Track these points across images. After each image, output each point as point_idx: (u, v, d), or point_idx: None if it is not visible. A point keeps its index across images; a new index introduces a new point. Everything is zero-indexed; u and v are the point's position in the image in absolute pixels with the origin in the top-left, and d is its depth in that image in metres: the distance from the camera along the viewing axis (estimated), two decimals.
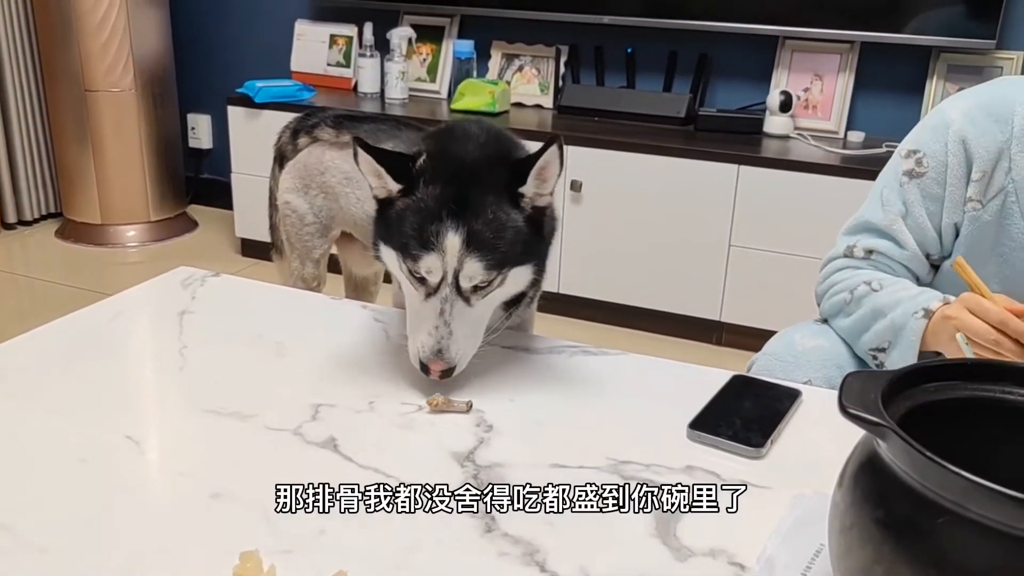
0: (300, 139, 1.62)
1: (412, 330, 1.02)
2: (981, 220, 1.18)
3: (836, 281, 1.28)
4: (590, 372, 1.11)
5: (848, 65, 2.71)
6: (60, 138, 3.27)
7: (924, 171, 1.21)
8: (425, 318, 1.00)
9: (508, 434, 0.95)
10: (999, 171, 1.16)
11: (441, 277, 0.98)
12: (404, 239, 0.99)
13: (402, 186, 1.00)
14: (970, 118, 1.18)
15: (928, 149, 1.21)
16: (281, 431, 0.93)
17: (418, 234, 0.97)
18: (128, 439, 0.91)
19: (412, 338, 1.02)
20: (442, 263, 0.97)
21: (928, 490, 0.58)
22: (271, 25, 3.39)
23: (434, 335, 0.99)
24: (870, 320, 1.22)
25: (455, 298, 0.99)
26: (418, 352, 1.00)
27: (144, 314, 1.25)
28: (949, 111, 1.20)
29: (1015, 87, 1.18)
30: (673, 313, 2.66)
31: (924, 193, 1.21)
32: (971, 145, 1.17)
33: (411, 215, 0.99)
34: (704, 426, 0.95)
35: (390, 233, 1.02)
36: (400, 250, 1.00)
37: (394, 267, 1.04)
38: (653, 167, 2.56)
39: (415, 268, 0.99)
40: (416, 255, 0.97)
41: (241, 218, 3.16)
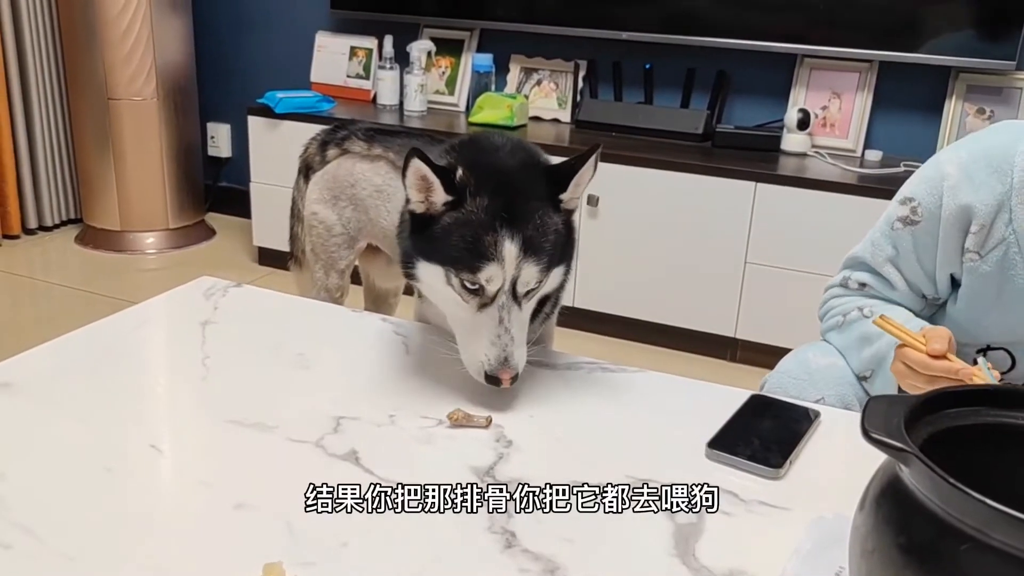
0: (329, 151, 1.63)
1: (468, 343, 1.03)
2: (981, 271, 1.17)
3: (833, 306, 1.33)
4: (609, 389, 1.11)
5: (867, 84, 2.71)
6: (82, 145, 3.31)
7: (918, 220, 1.20)
8: (483, 329, 1.02)
9: (527, 450, 0.95)
10: (999, 222, 1.15)
11: (499, 286, 1.00)
12: (456, 252, 1.00)
13: (451, 199, 1.02)
14: (967, 172, 1.16)
15: (923, 200, 1.20)
16: (303, 443, 0.94)
17: (473, 246, 0.99)
18: (152, 448, 0.92)
19: (470, 351, 1.03)
20: (502, 272, 1.00)
21: (951, 516, 0.59)
22: (292, 36, 3.42)
23: (498, 344, 1.01)
24: (857, 347, 1.25)
25: (511, 304, 1.02)
26: (483, 364, 1.01)
27: (167, 324, 1.26)
28: (946, 164, 1.18)
29: (1014, 134, 1.15)
30: (688, 329, 2.66)
31: (917, 241, 1.22)
32: (967, 200, 1.15)
33: (461, 228, 1.00)
34: (722, 445, 0.96)
35: (434, 248, 1.03)
36: (452, 264, 1.01)
37: (438, 283, 1.04)
38: (670, 183, 2.57)
39: (473, 280, 1.00)
40: (475, 266, 0.99)
41: (259, 227, 3.18)
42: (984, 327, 1.20)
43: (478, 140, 1.16)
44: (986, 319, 1.19)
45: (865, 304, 1.26)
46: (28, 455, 0.89)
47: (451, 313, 1.06)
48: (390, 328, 1.26)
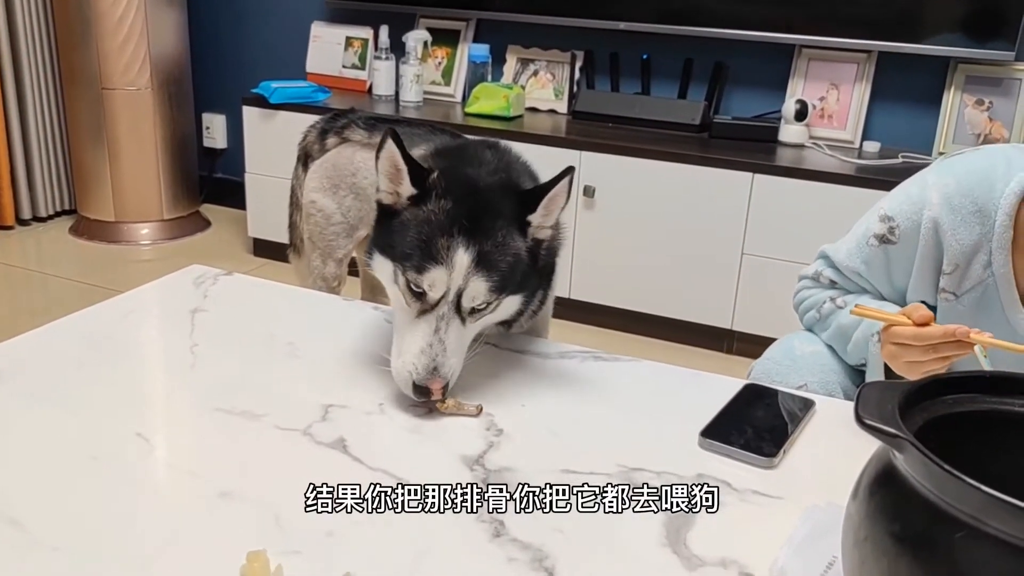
0: (328, 139, 1.62)
1: (400, 350, 0.98)
2: (956, 310, 1.17)
3: (804, 298, 1.34)
4: (601, 378, 1.10)
5: (865, 75, 2.70)
6: (76, 136, 3.29)
7: (895, 241, 1.20)
8: (417, 336, 0.96)
9: (518, 439, 0.94)
10: (976, 264, 1.14)
11: (443, 294, 0.96)
12: (408, 249, 0.96)
13: (415, 193, 0.98)
14: (950, 206, 1.14)
15: (902, 223, 1.19)
16: (291, 431, 0.93)
17: (426, 246, 0.95)
18: (139, 436, 0.91)
19: (400, 360, 0.97)
20: (448, 279, 0.95)
21: (946, 504, 0.58)
22: (287, 27, 3.40)
23: (428, 353, 0.95)
24: (840, 341, 1.26)
25: (452, 316, 0.97)
26: (410, 374, 0.95)
27: (156, 312, 1.25)
28: (931, 189, 1.16)
29: (1003, 168, 1.12)
30: (684, 320, 2.65)
31: (891, 261, 1.22)
32: (946, 236, 1.14)
33: (418, 226, 0.96)
34: (716, 434, 0.95)
35: (390, 243, 0.99)
36: (401, 260, 0.97)
37: (387, 279, 1.00)
38: (667, 174, 2.55)
39: (417, 281, 0.95)
40: (421, 267, 0.95)
41: (254, 218, 3.17)
42: None
43: (466, 148, 1.13)
44: None
45: (836, 294, 1.28)
46: (12, 443, 0.88)
47: (396, 313, 1.02)
48: (381, 317, 1.25)
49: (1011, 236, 1.12)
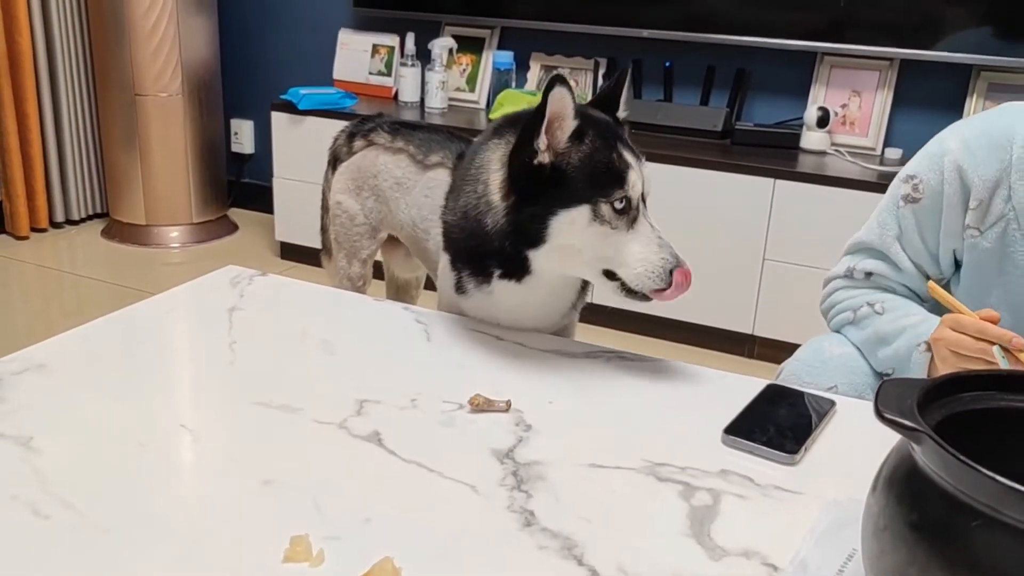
0: (356, 142, 1.65)
1: (634, 262, 1.09)
2: (981, 247, 1.19)
3: (838, 300, 1.32)
4: (627, 377, 1.13)
5: (887, 82, 2.71)
6: (108, 140, 3.36)
7: (920, 197, 1.22)
8: (642, 240, 1.09)
9: (546, 433, 0.97)
10: (997, 199, 1.16)
11: (640, 190, 1.09)
12: (598, 179, 1.07)
13: (577, 126, 1.08)
14: (968, 147, 1.18)
15: (925, 176, 1.22)
16: (328, 424, 0.96)
17: (610, 165, 1.08)
18: (182, 427, 0.95)
19: (643, 265, 1.09)
20: (640, 174, 1.10)
21: (962, 494, 0.60)
22: (315, 34, 3.45)
23: (664, 245, 1.10)
24: (874, 345, 1.25)
25: (646, 210, 1.11)
26: (664, 264, 1.09)
27: (195, 310, 1.29)
28: (948, 139, 1.21)
29: (1016, 115, 1.17)
30: (706, 326, 2.67)
31: (919, 219, 1.23)
32: (967, 174, 1.17)
33: (594, 155, 1.08)
34: (739, 432, 0.97)
35: (568, 192, 1.07)
36: (598, 192, 1.07)
37: (580, 227, 1.08)
38: (689, 180, 2.58)
39: (621, 191, 1.07)
40: (622, 178, 1.07)
41: (281, 222, 3.22)
42: (987, 304, 1.20)
43: (520, 114, 1.21)
44: (989, 298, 1.20)
45: (875, 299, 1.26)
46: (64, 431, 0.92)
47: (594, 254, 1.10)
48: (411, 316, 1.28)
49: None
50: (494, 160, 1.15)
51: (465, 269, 1.21)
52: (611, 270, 1.11)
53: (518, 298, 1.19)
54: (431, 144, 1.49)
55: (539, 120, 1.07)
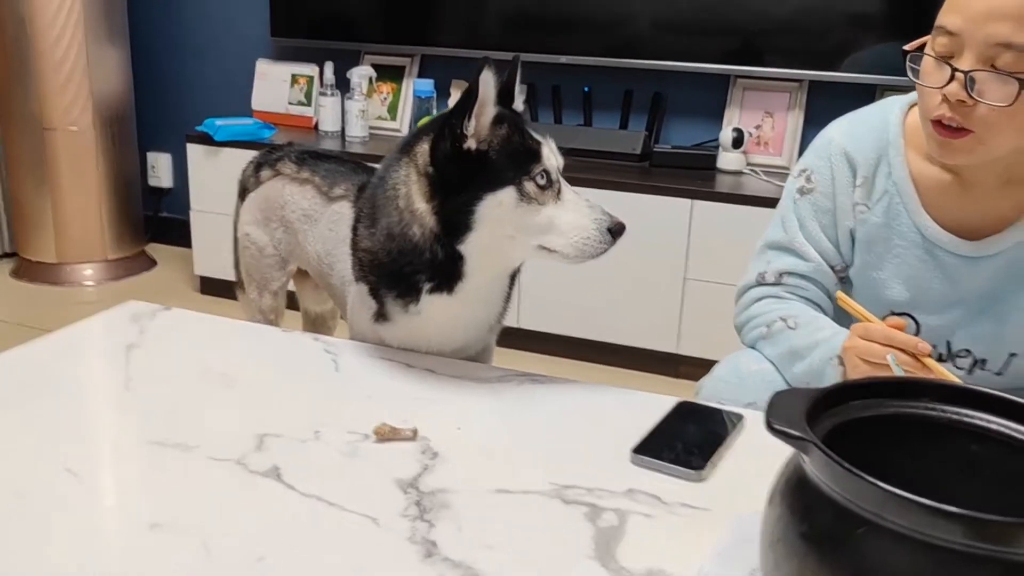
0: (263, 172, 1.62)
1: (569, 229, 1.11)
2: (871, 222, 1.25)
3: (753, 315, 1.33)
4: (538, 400, 1.12)
5: (798, 103, 2.78)
6: (16, 176, 3.24)
7: (813, 187, 1.29)
8: (570, 207, 1.12)
9: (453, 460, 0.95)
10: (880, 175, 1.24)
11: (556, 164, 1.13)
12: (519, 158, 1.09)
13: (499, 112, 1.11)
14: (848, 132, 1.27)
15: (814, 166, 1.29)
16: (224, 461, 0.93)
17: (525, 143, 1.11)
18: (68, 471, 0.90)
19: (576, 230, 1.11)
20: (551, 147, 1.13)
21: (848, 501, 0.60)
22: (232, 64, 3.40)
23: (593, 205, 1.13)
24: (789, 361, 1.26)
25: (564, 181, 1.14)
26: (600, 224, 1.11)
27: (91, 348, 1.24)
28: (830, 130, 1.30)
29: (889, 103, 1.28)
30: (631, 347, 2.68)
31: (816, 207, 1.28)
32: (852, 155, 1.25)
33: (511, 136, 1.10)
34: (647, 450, 0.96)
35: (494, 175, 1.09)
36: (520, 170, 1.09)
37: (508, 207, 1.09)
38: (610, 202, 2.53)
39: (540, 166, 1.09)
40: (539, 154, 1.10)
41: (200, 256, 3.14)
42: (883, 281, 1.25)
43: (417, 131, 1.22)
44: (883, 272, 1.24)
45: (788, 314, 1.27)
46: None
47: (527, 233, 1.11)
48: (320, 346, 1.25)
49: (903, 143, 1.23)
50: (411, 173, 1.15)
51: (390, 294, 1.19)
52: (547, 246, 1.13)
53: (448, 313, 1.18)
54: (336, 176, 1.47)
55: (470, 103, 1.08)
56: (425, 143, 1.14)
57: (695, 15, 2.78)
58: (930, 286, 1.22)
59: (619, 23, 2.85)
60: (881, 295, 1.25)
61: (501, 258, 1.17)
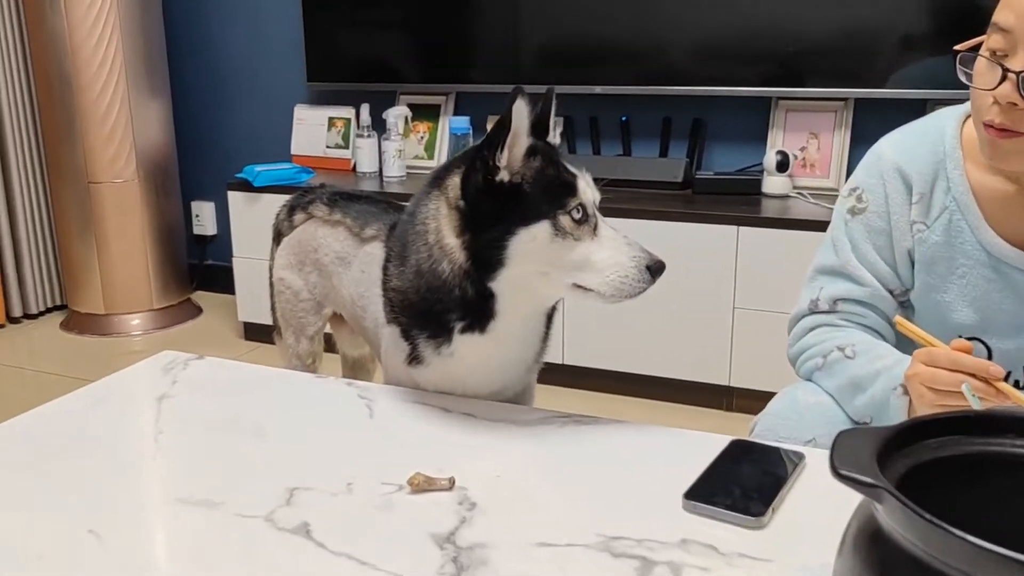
0: (296, 215, 1.61)
1: (604, 267, 1.06)
2: (930, 241, 1.17)
3: (807, 345, 1.25)
4: (582, 442, 1.06)
5: (843, 122, 2.70)
6: (64, 230, 3.30)
7: (864, 206, 1.22)
8: (607, 244, 1.06)
9: (493, 512, 0.89)
10: (938, 190, 1.17)
11: (593, 197, 1.07)
12: (553, 192, 1.04)
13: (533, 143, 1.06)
14: (901, 147, 1.20)
15: (865, 184, 1.22)
16: (252, 517, 0.88)
17: (559, 176, 1.06)
18: (91, 533, 0.86)
19: (613, 268, 1.06)
20: (587, 180, 1.08)
21: (931, 557, 0.53)
22: (271, 111, 3.44)
23: (632, 242, 1.07)
24: (849, 393, 1.18)
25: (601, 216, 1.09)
26: (639, 262, 1.06)
27: (122, 401, 1.21)
28: (881, 146, 1.23)
29: (943, 115, 1.21)
30: (681, 380, 2.60)
31: (869, 228, 1.21)
32: (905, 170, 1.18)
33: (546, 169, 1.06)
34: (700, 495, 0.90)
35: (526, 209, 1.04)
36: (555, 204, 1.04)
37: (541, 242, 1.04)
38: (653, 232, 2.53)
39: (575, 199, 1.04)
40: (574, 187, 1.05)
41: (243, 302, 3.15)
42: (948, 304, 1.17)
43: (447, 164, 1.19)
44: (947, 293, 1.16)
45: (845, 343, 1.20)
46: None
47: (562, 270, 1.06)
48: (354, 392, 1.21)
49: (961, 155, 1.15)
50: (440, 207, 1.10)
51: (421, 335, 1.15)
52: (582, 284, 1.07)
53: (482, 353, 1.13)
54: (367, 216, 1.44)
55: (502, 135, 1.03)
56: (456, 176, 1.09)
57: (733, 38, 2.72)
58: (1000, 307, 1.13)
59: (654, 50, 2.81)
60: (947, 319, 1.17)
61: (534, 296, 1.11)
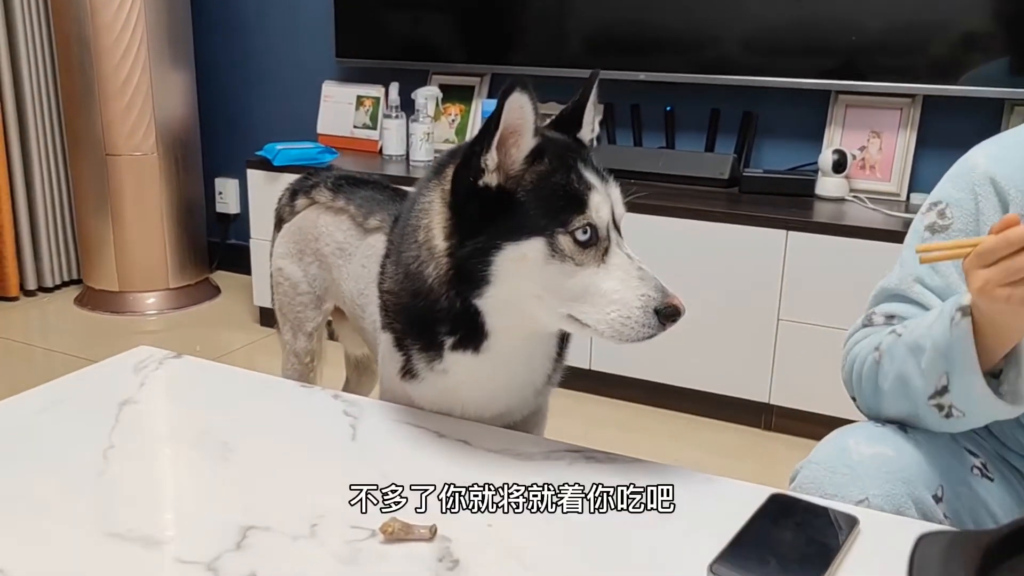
0: (298, 200, 1.49)
1: (608, 303, 0.88)
2: None
3: (856, 354, 1.10)
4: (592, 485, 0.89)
5: (910, 121, 2.49)
6: (81, 203, 3.20)
7: (948, 223, 1.06)
8: (618, 274, 0.89)
9: (478, 573, 0.74)
10: None
11: (608, 216, 0.90)
12: (556, 204, 0.88)
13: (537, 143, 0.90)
14: (997, 157, 1.06)
15: (952, 198, 1.07)
16: (193, 564, 0.75)
17: (568, 187, 0.89)
18: (1, 572, 0.73)
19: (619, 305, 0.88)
20: (607, 194, 0.91)
21: None
22: (299, 87, 3.31)
23: (646, 276, 0.89)
24: (913, 363, 1.00)
25: (619, 237, 0.92)
26: (648, 302, 0.88)
27: (79, 405, 1.08)
28: (974, 155, 1.09)
29: None
30: (716, 394, 2.42)
31: None
32: (1002, 184, 1.03)
33: (552, 176, 0.90)
34: (730, 566, 0.74)
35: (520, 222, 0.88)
36: (554, 220, 0.88)
37: (535, 263, 0.88)
38: (694, 233, 2.36)
39: (584, 221, 0.88)
40: (583, 202, 0.89)
41: (259, 286, 3.03)
42: None
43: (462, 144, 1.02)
44: None
45: (895, 329, 1.05)
46: None
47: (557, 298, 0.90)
48: (340, 407, 1.06)
49: None
50: (434, 200, 0.95)
51: (413, 346, 1.00)
52: (577, 317, 0.90)
53: (478, 374, 0.98)
54: (372, 205, 1.30)
55: (491, 131, 0.87)
56: (454, 166, 0.93)
57: (790, 25, 2.52)
58: None
59: (704, 36, 2.62)
60: None
61: (528, 320, 0.94)
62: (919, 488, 0.98)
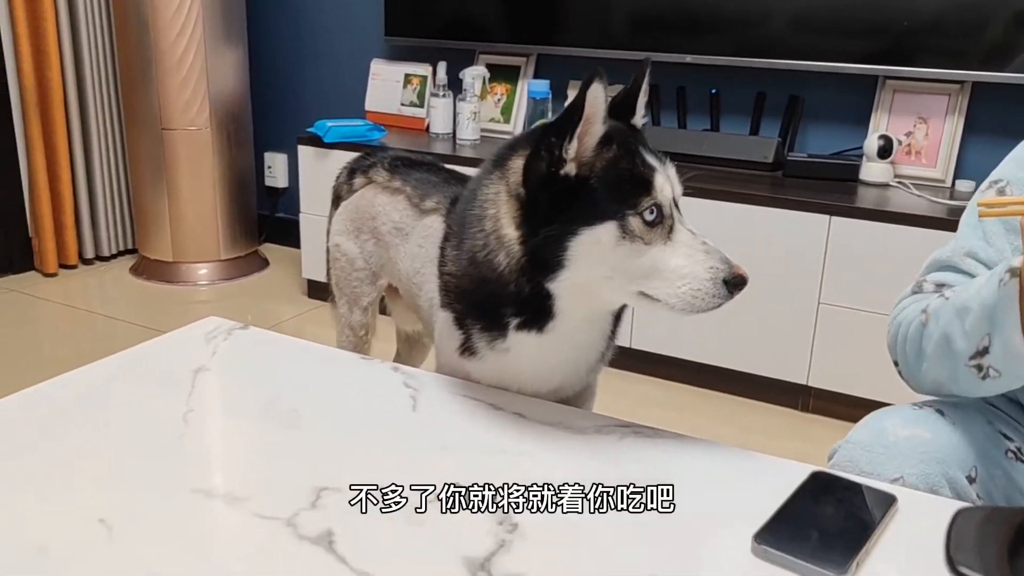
0: (356, 179, 1.54)
1: (677, 277, 0.94)
2: None
3: (904, 317, 1.12)
4: (641, 459, 0.95)
5: (957, 107, 2.48)
6: (137, 175, 3.30)
7: None
8: (683, 250, 0.94)
9: (536, 537, 0.80)
10: None
11: (671, 195, 0.95)
12: (624, 187, 0.93)
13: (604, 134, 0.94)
14: None
15: (1013, 177, 1.07)
16: (273, 519, 0.81)
17: (634, 171, 0.94)
18: (101, 523, 0.80)
19: (688, 278, 0.94)
20: (667, 174, 0.96)
21: None
22: (348, 65, 3.37)
23: (711, 249, 0.95)
24: (958, 324, 1.01)
25: (680, 214, 0.97)
26: (716, 274, 0.94)
27: (154, 371, 1.15)
28: None
29: None
30: (756, 375, 2.45)
31: (1008, 226, 1.06)
32: None
33: (620, 161, 0.94)
34: (773, 539, 0.78)
35: (593, 206, 0.93)
36: (624, 203, 0.92)
37: (607, 246, 0.93)
38: (737, 216, 2.38)
39: (650, 199, 0.93)
40: (649, 183, 0.93)
41: (308, 259, 3.11)
42: None
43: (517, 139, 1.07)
44: None
45: (943, 293, 1.07)
46: None
47: (628, 277, 0.95)
48: (400, 380, 1.12)
49: None
50: (500, 192, 1.00)
51: (475, 325, 1.05)
52: (649, 293, 0.95)
53: (540, 352, 1.03)
54: (428, 186, 1.35)
55: (573, 122, 0.91)
56: (519, 158, 0.98)
57: (838, 8, 2.51)
58: None
59: (750, 18, 2.62)
60: None
61: (596, 301, 1.00)
62: (953, 468, 1.00)
